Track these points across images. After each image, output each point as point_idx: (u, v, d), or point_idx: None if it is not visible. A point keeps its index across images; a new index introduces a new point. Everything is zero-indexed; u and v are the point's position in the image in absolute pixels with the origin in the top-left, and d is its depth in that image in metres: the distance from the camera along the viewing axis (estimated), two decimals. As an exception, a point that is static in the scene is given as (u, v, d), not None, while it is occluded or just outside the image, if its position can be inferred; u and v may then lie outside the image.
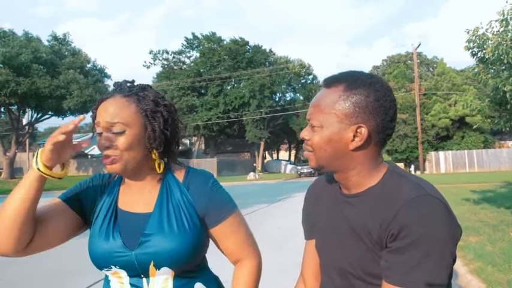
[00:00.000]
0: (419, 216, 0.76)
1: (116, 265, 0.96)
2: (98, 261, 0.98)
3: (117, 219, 1.00)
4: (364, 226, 0.84)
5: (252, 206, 10.64)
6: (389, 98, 0.86)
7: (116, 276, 0.98)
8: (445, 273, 0.75)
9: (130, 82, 1.06)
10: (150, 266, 0.95)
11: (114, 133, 0.96)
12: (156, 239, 0.95)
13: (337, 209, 0.93)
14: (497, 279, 3.64)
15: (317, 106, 0.89)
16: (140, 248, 0.95)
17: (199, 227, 1.00)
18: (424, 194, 0.79)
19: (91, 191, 1.05)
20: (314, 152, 0.90)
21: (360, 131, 0.85)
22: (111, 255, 0.95)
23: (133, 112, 0.98)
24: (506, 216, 6.97)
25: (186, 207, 1.01)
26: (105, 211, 1.01)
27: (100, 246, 0.97)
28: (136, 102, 0.99)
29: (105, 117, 0.96)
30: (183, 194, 1.02)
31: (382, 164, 0.90)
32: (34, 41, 26.52)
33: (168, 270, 0.96)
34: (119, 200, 1.04)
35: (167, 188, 1.03)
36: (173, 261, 0.95)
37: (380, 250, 0.81)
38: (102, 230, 0.98)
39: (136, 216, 1.00)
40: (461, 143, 28.75)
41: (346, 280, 0.89)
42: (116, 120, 0.96)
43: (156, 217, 0.98)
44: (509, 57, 5.13)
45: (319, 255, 0.99)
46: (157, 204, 1.01)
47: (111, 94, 1.00)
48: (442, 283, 0.75)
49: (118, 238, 0.97)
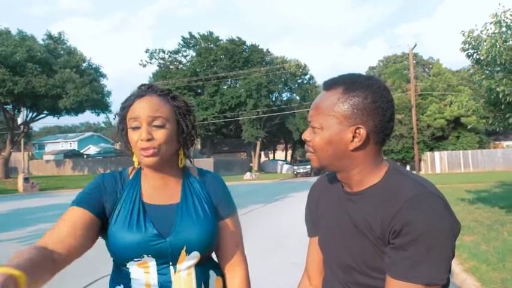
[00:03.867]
0: (421, 213, 0.79)
1: (149, 254, 1.00)
2: (128, 253, 1.00)
3: (146, 212, 1.05)
4: (366, 222, 0.87)
5: (249, 206, 10.67)
6: (387, 99, 0.89)
7: (142, 266, 1.01)
8: (446, 267, 0.79)
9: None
10: (182, 251, 1.02)
11: (155, 126, 1.03)
12: (187, 225, 1.04)
13: (340, 206, 0.96)
14: (491, 278, 3.69)
15: (317, 108, 0.92)
16: (174, 234, 1.02)
17: (215, 216, 1.11)
18: (425, 191, 0.82)
19: (111, 195, 1.06)
20: (316, 153, 0.93)
21: (358, 132, 0.88)
22: (146, 245, 1.00)
23: (170, 109, 1.07)
24: (501, 216, 7.05)
25: (205, 198, 1.11)
26: (128, 206, 1.05)
27: (130, 237, 1.00)
28: (171, 101, 1.09)
29: (147, 112, 1.03)
30: (202, 187, 1.13)
31: (383, 163, 0.93)
32: (29, 40, 26.35)
33: (196, 255, 1.04)
34: (142, 194, 1.08)
35: (188, 181, 1.13)
36: (202, 245, 1.04)
37: (382, 245, 0.84)
38: (131, 223, 1.01)
39: (165, 208, 1.07)
40: (456, 143, 28.97)
41: (350, 275, 0.92)
42: (158, 114, 1.03)
43: (184, 206, 1.08)
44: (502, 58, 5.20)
45: (323, 251, 1.02)
46: (182, 195, 1.10)
47: (144, 93, 1.07)
48: (444, 277, 0.79)
49: (151, 228, 1.02)
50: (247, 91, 35.57)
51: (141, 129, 1.03)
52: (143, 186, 1.09)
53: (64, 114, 30.12)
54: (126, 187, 1.08)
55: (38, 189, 22.26)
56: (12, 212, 11.88)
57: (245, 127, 36.27)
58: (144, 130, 1.02)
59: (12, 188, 22.98)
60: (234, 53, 37.34)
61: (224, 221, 1.13)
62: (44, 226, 8.48)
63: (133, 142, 1.04)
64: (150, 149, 1.02)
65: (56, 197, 17.41)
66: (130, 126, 1.04)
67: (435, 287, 0.79)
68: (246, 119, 35.69)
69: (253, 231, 6.75)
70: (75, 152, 46.36)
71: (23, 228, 8.20)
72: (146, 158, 1.02)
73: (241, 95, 35.66)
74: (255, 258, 4.78)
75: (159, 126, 1.03)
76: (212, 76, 36.73)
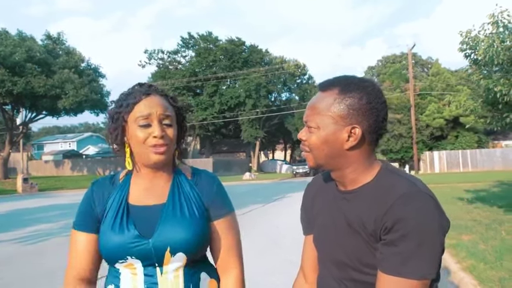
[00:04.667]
0: (411, 211, 0.82)
1: (132, 255, 1.00)
2: (112, 254, 1.02)
3: (129, 214, 1.05)
4: (359, 220, 0.90)
5: (248, 206, 10.70)
6: (381, 100, 0.93)
7: (129, 268, 1.02)
8: (436, 262, 0.82)
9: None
10: (166, 253, 1.00)
11: (165, 125, 1.05)
12: (171, 226, 1.02)
13: (335, 205, 0.99)
14: (489, 276, 3.72)
15: (313, 108, 0.95)
16: (156, 235, 1.01)
17: (206, 217, 1.09)
18: (416, 190, 0.85)
19: (99, 202, 1.09)
20: (312, 152, 0.96)
21: (354, 132, 0.91)
22: (127, 246, 1.00)
23: (173, 111, 1.10)
24: (499, 215, 7.08)
25: (195, 199, 1.09)
26: (115, 209, 1.06)
27: (113, 239, 1.01)
28: (172, 102, 1.11)
29: (159, 110, 1.04)
30: (192, 187, 1.11)
31: (376, 162, 0.96)
32: (28, 40, 26.32)
33: (182, 257, 1.02)
34: (129, 196, 1.09)
35: (178, 182, 1.11)
36: (187, 246, 1.02)
37: (375, 242, 0.87)
38: (115, 226, 1.03)
39: (150, 209, 1.06)
40: (455, 142, 29.00)
41: (344, 271, 0.95)
42: (168, 113, 1.06)
43: (170, 206, 1.06)
44: (500, 58, 5.22)
45: (318, 249, 1.05)
46: (169, 195, 1.08)
47: (149, 91, 1.07)
48: (433, 271, 0.82)
49: (133, 229, 1.02)
50: (247, 91, 35.58)
51: (153, 127, 1.02)
52: (131, 189, 1.10)
53: (63, 114, 30.07)
54: (115, 190, 1.09)
55: (37, 189, 22.25)
56: (11, 213, 11.88)
57: (244, 127, 36.27)
58: (157, 127, 1.02)
59: (11, 188, 22.97)
60: (233, 53, 37.33)
61: (217, 222, 1.10)
62: (43, 226, 8.50)
63: (138, 140, 1.03)
64: (163, 146, 1.03)
65: (55, 198, 17.41)
66: (138, 123, 1.02)
67: (425, 281, 0.81)
68: (245, 119, 35.70)
69: (252, 231, 6.77)
70: (74, 152, 46.33)
71: (22, 229, 8.20)
72: (157, 155, 1.03)
73: (241, 95, 35.67)
74: (253, 257, 4.80)
75: (169, 125, 1.05)
76: (211, 76, 36.72)
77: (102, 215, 1.07)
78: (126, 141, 1.07)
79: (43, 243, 6.62)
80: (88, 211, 1.08)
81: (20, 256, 5.69)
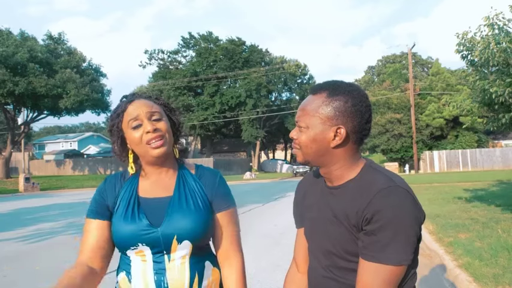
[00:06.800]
0: (389, 204, 0.91)
1: (143, 242, 1.10)
2: (125, 242, 1.12)
3: (140, 205, 1.16)
4: (343, 212, 0.99)
5: (249, 205, 10.78)
6: (365, 104, 1.02)
7: (139, 255, 1.13)
8: (410, 250, 0.91)
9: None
10: (173, 240, 1.11)
11: (154, 120, 1.14)
12: (177, 216, 1.13)
13: (323, 199, 1.08)
14: (483, 273, 3.79)
15: (304, 110, 1.04)
16: (164, 224, 1.11)
17: (209, 209, 1.19)
18: (394, 185, 0.94)
19: (111, 194, 1.20)
20: (301, 150, 1.05)
21: (339, 132, 0.99)
22: (139, 234, 1.10)
23: (159, 107, 1.19)
24: (496, 214, 7.15)
25: (199, 192, 1.19)
26: (126, 201, 1.16)
27: (126, 228, 1.12)
28: (157, 101, 1.21)
29: (145, 108, 1.14)
30: (196, 182, 1.21)
31: (360, 160, 1.05)
32: (30, 40, 26.43)
33: (188, 244, 1.12)
34: (139, 189, 1.19)
35: (183, 177, 1.22)
36: (192, 235, 1.12)
37: (357, 232, 0.96)
38: (127, 216, 1.13)
39: (158, 200, 1.16)
40: (455, 142, 29.02)
41: (330, 259, 1.04)
42: (154, 109, 1.16)
43: (176, 199, 1.16)
44: (495, 59, 5.29)
45: (308, 240, 1.14)
46: (175, 188, 1.18)
47: (132, 98, 1.20)
48: (408, 257, 0.91)
49: (144, 219, 1.12)
50: (247, 91, 35.65)
51: (144, 125, 1.13)
52: (140, 183, 1.21)
53: (64, 114, 30.18)
54: (125, 184, 1.20)
55: (39, 189, 22.36)
56: (13, 212, 11.97)
57: (245, 127, 36.34)
58: (148, 123, 1.13)
59: (13, 188, 23.10)
60: (234, 53, 37.39)
61: (220, 214, 1.20)
62: (45, 225, 8.58)
63: (136, 141, 1.13)
64: (159, 139, 1.12)
65: (56, 197, 17.50)
66: (131, 126, 1.13)
67: (401, 267, 0.91)
68: (245, 118, 35.77)
69: (252, 230, 6.85)
70: (76, 152, 46.44)
71: (24, 228, 8.29)
72: (156, 149, 1.12)
73: (241, 95, 35.73)
74: (254, 256, 4.88)
75: (158, 119, 1.15)
76: (212, 76, 36.79)
77: (113, 206, 1.17)
78: (129, 148, 1.18)
79: (45, 242, 6.71)
80: (100, 201, 1.19)
81: (22, 254, 5.77)
